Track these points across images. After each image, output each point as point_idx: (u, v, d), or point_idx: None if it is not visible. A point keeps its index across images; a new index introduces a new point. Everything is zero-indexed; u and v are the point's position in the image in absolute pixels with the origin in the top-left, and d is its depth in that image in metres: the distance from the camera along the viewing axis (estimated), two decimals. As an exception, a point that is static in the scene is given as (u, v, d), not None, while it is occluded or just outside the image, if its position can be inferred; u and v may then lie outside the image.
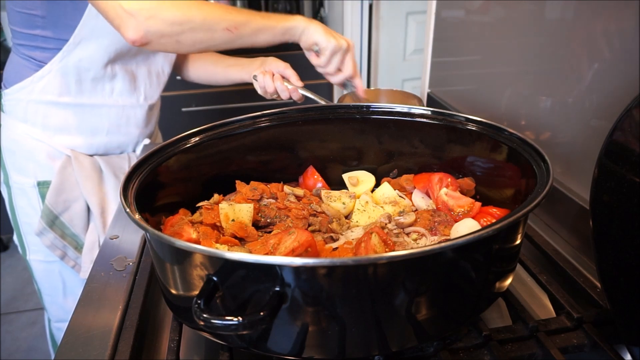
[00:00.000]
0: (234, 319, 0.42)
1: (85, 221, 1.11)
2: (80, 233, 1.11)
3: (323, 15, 2.89)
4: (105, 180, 1.11)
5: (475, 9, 1.07)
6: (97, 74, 1.03)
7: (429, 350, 0.55)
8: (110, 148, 1.15)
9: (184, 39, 0.83)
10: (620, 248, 0.49)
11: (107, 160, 1.13)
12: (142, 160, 0.64)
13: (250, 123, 0.78)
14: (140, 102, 1.14)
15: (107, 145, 1.13)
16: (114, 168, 1.13)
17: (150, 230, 0.48)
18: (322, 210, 0.73)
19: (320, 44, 0.92)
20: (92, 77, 1.04)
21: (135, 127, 1.15)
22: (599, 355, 0.55)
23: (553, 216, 0.84)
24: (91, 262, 1.01)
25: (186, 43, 0.84)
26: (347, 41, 0.95)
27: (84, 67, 1.02)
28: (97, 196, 1.08)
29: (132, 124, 1.14)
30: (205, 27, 0.83)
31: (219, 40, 0.85)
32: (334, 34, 0.93)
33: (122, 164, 1.15)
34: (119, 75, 1.07)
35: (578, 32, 0.76)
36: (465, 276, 0.50)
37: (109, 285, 0.71)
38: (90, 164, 1.10)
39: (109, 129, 1.11)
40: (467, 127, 0.73)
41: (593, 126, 0.75)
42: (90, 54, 1.00)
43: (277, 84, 1.05)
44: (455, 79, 1.23)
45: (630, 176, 0.47)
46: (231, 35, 0.85)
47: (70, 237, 1.11)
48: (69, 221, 1.10)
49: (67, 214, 1.09)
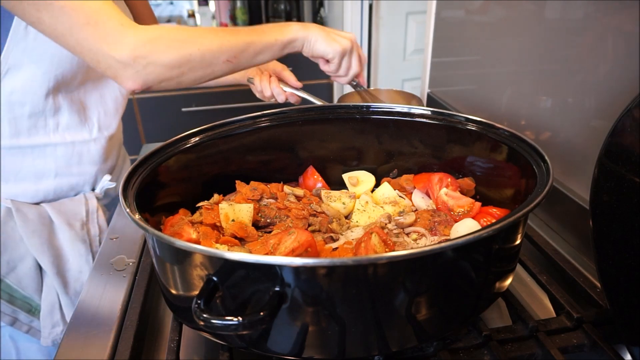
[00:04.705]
0: (234, 319, 0.42)
1: (38, 280, 0.94)
2: (33, 294, 0.94)
3: (323, 15, 2.89)
4: (58, 232, 0.93)
5: (475, 9, 1.07)
6: (35, 108, 0.85)
7: (429, 350, 0.55)
8: (61, 192, 0.96)
9: (184, 79, 0.78)
10: (620, 248, 0.49)
11: (58, 208, 0.94)
12: (142, 160, 0.64)
13: (250, 123, 0.78)
14: (94, 135, 0.96)
15: (56, 189, 0.95)
16: (67, 216, 0.94)
17: (150, 230, 0.48)
18: (322, 210, 0.73)
19: (327, 55, 0.88)
20: (30, 112, 0.85)
21: (90, 165, 0.97)
22: (599, 355, 0.55)
23: (553, 216, 0.84)
24: (53, 326, 0.93)
25: (187, 82, 0.79)
26: (350, 38, 0.91)
27: (17, 102, 0.83)
28: (48, 253, 0.91)
29: (86, 161, 0.96)
30: (205, 64, 0.77)
31: (220, 72, 0.80)
32: (335, 36, 0.88)
33: (77, 209, 0.96)
34: (63, 106, 0.89)
35: (578, 32, 0.76)
36: (465, 276, 0.50)
37: (109, 285, 0.71)
38: (37, 215, 0.91)
39: (57, 171, 0.93)
40: (467, 127, 0.73)
41: (593, 126, 0.75)
42: (23, 84, 0.82)
43: (273, 87, 1.02)
44: (455, 79, 1.23)
45: (630, 176, 0.47)
46: (231, 65, 0.80)
47: (20, 300, 0.94)
48: (16, 283, 0.92)
49: (14, 275, 0.91)
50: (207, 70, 0.78)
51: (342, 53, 0.88)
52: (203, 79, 0.80)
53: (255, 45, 0.80)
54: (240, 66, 0.81)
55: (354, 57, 0.92)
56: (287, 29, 0.83)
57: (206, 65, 0.77)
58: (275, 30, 0.83)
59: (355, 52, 0.92)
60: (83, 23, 0.69)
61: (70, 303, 0.94)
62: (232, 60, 0.79)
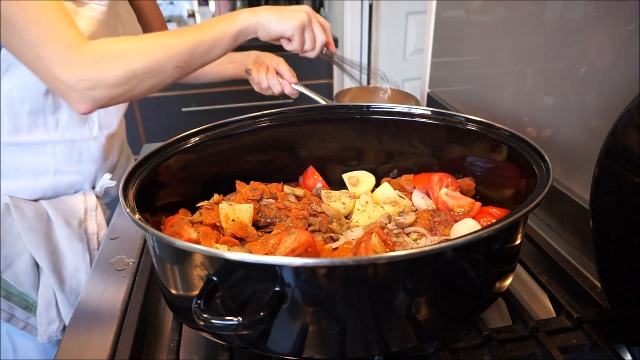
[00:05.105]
0: (234, 319, 0.42)
1: (35, 277, 0.94)
2: (30, 291, 0.94)
3: (323, 15, 2.90)
4: (55, 229, 0.93)
5: (475, 9, 1.07)
6: (34, 105, 0.85)
7: (429, 350, 0.55)
8: (60, 189, 0.96)
9: (135, 93, 0.76)
10: (620, 248, 0.49)
11: (57, 205, 0.94)
12: (142, 160, 0.64)
13: (250, 123, 0.78)
14: (94, 133, 0.95)
15: (55, 186, 0.95)
16: (65, 213, 0.94)
17: (150, 230, 0.48)
18: (322, 210, 0.73)
19: (285, 34, 0.84)
20: (29, 109, 0.85)
21: (90, 163, 0.97)
22: (599, 355, 0.55)
23: (553, 216, 0.84)
24: (49, 323, 0.93)
25: (139, 94, 0.77)
26: (304, 10, 0.87)
27: (16, 99, 0.83)
28: (46, 250, 0.91)
29: (86, 160, 0.96)
30: (153, 74, 0.75)
31: (171, 78, 0.79)
32: (288, 12, 0.84)
33: (76, 207, 0.96)
34: (63, 104, 0.88)
35: (578, 32, 0.76)
36: (465, 276, 0.50)
37: (109, 285, 0.71)
38: (34, 211, 0.91)
39: (56, 168, 0.93)
40: (467, 127, 0.73)
41: (593, 126, 0.75)
42: (22, 81, 0.82)
43: (270, 77, 1.01)
44: (455, 79, 1.23)
45: (630, 176, 0.47)
46: (182, 69, 0.78)
47: (17, 296, 0.94)
48: (13, 279, 0.92)
49: (11, 271, 0.92)
50: (156, 79, 0.77)
51: (301, 27, 0.86)
52: (156, 88, 0.79)
53: (202, 44, 0.78)
54: (192, 68, 0.80)
55: (315, 27, 0.89)
56: (234, 19, 0.81)
57: (154, 75, 0.76)
58: (223, 23, 0.80)
59: (316, 22, 0.89)
60: (33, 43, 0.69)
61: (66, 300, 0.94)
62: (182, 65, 0.77)
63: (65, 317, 0.94)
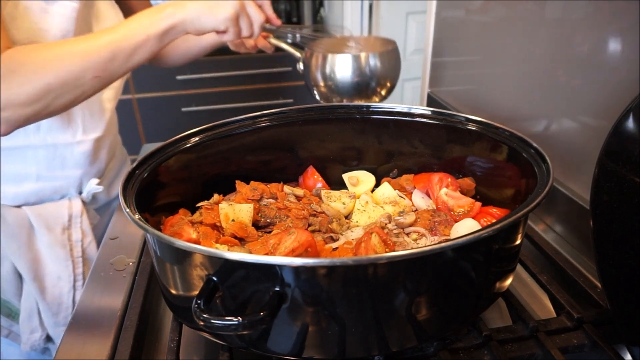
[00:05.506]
0: (234, 319, 0.42)
1: (17, 285, 0.91)
2: (12, 298, 0.92)
3: (323, 15, 2.89)
4: (37, 237, 0.89)
5: (476, 9, 1.07)
6: None
7: (429, 350, 0.55)
8: (44, 195, 0.92)
9: (52, 108, 0.70)
10: (620, 248, 0.49)
11: (39, 212, 0.90)
12: (142, 160, 0.64)
13: (250, 123, 0.78)
14: (78, 137, 0.90)
15: (38, 192, 0.91)
16: (48, 220, 0.90)
17: (150, 230, 0.48)
18: (322, 210, 0.73)
19: (219, 28, 0.77)
20: None
21: (74, 169, 0.93)
22: (599, 355, 0.55)
23: (553, 216, 0.84)
24: (31, 332, 0.90)
25: (57, 110, 0.71)
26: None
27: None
28: (26, 258, 0.88)
29: (70, 165, 0.92)
30: (70, 88, 0.69)
31: (92, 90, 0.72)
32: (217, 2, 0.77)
33: (59, 213, 0.92)
34: None
35: (578, 32, 0.76)
36: (465, 276, 0.50)
37: (109, 285, 0.71)
38: (16, 218, 0.88)
39: (38, 174, 0.89)
40: (467, 127, 0.73)
41: (593, 126, 0.75)
42: None
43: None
44: (455, 79, 1.23)
45: (630, 176, 0.47)
46: (102, 79, 0.71)
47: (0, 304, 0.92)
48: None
49: None
50: (75, 92, 0.71)
51: (234, 17, 0.79)
52: (77, 101, 0.73)
53: (123, 50, 0.71)
54: (115, 76, 0.74)
55: (250, 9, 0.81)
56: (158, 18, 0.74)
57: (71, 89, 0.70)
58: (145, 22, 0.73)
59: (250, 3, 0.81)
60: None
61: (48, 309, 0.91)
62: (101, 75, 0.71)
63: (48, 326, 0.92)
